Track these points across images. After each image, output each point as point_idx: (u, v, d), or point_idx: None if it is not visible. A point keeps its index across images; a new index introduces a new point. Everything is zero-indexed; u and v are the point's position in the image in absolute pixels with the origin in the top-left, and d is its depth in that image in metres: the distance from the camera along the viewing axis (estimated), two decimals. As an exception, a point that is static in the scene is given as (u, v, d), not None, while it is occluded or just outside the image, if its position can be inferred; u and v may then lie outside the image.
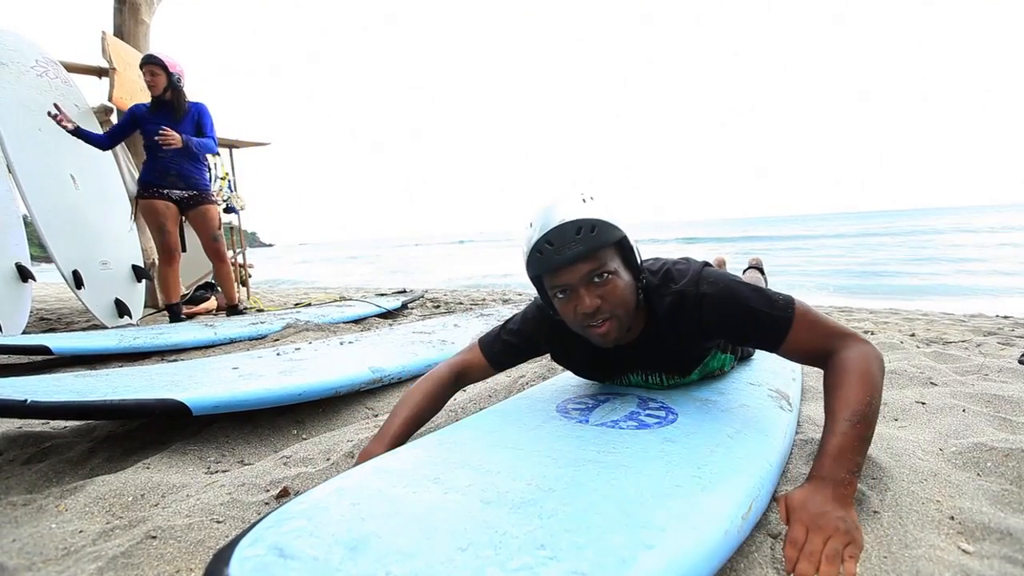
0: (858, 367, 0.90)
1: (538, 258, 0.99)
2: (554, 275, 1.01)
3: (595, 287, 1.00)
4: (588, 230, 0.96)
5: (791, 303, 0.99)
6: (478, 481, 0.80)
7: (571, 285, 1.00)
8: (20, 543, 0.82)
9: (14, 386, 1.31)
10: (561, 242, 0.96)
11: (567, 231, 0.96)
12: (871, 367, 0.90)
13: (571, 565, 0.58)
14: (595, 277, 0.99)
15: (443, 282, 11.06)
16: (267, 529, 0.64)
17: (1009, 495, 0.90)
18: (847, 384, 0.89)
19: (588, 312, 1.00)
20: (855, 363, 0.91)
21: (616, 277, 1.01)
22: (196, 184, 3.37)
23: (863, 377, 0.89)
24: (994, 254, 12.10)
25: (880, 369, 0.91)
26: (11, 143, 3.04)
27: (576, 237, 0.96)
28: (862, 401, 0.86)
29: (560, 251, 0.97)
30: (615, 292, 1.01)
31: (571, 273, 0.99)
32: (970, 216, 40.13)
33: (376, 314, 3.72)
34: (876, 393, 0.88)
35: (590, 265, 0.98)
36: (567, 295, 1.02)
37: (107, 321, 3.40)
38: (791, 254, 15.47)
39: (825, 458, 0.83)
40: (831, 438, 0.85)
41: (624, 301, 1.03)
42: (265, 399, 1.37)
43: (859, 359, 0.91)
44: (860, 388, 0.87)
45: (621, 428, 1.03)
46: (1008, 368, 1.76)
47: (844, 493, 0.80)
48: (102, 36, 4.10)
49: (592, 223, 0.96)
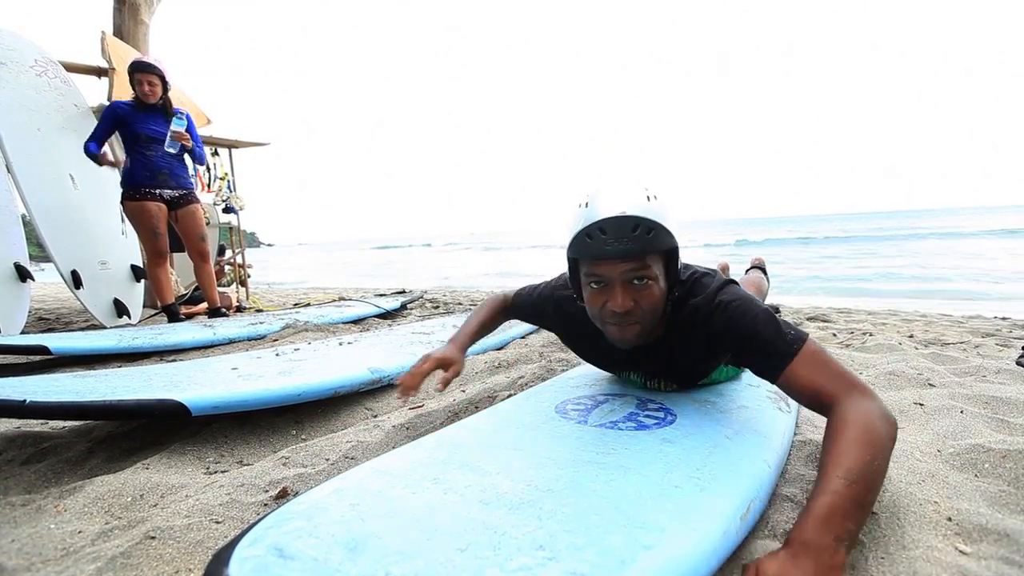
0: (861, 422, 0.78)
1: (587, 242, 0.95)
2: (596, 264, 0.98)
3: (632, 289, 0.97)
4: (645, 231, 0.92)
5: (802, 339, 0.92)
6: (477, 482, 0.80)
7: (610, 279, 0.97)
8: (19, 543, 0.82)
9: (13, 386, 1.31)
10: (616, 234, 0.92)
11: (625, 225, 0.91)
12: (876, 424, 0.77)
13: (570, 566, 0.58)
14: (636, 279, 0.96)
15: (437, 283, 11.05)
16: (266, 529, 0.64)
17: (1007, 496, 0.90)
18: (845, 439, 0.76)
19: (618, 311, 0.97)
20: (858, 417, 0.78)
21: (655, 284, 0.98)
22: (185, 183, 3.36)
23: (865, 434, 0.76)
24: (994, 255, 12.13)
25: (888, 430, 0.78)
26: (10, 143, 3.04)
27: (632, 234, 0.92)
28: (860, 459, 0.72)
29: (611, 243, 0.92)
30: (650, 298, 0.98)
31: (614, 267, 0.96)
32: (970, 216, 40.19)
33: (375, 315, 3.72)
34: (879, 455, 0.74)
35: (635, 265, 0.95)
36: (601, 287, 0.99)
37: (106, 321, 3.39)
38: (791, 254, 15.49)
39: (809, 519, 0.67)
40: (819, 497, 0.70)
41: (655, 309, 1.00)
42: (264, 399, 1.37)
43: (863, 414, 0.79)
44: (860, 445, 0.74)
45: (620, 429, 1.03)
46: (1006, 370, 1.76)
47: (830, 565, 0.64)
48: (101, 36, 4.10)
49: (651, 224, 0.92)
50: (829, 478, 0.71)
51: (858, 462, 0.72)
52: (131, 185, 3.20)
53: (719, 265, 2.74)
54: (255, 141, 5.46)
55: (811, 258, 14.45)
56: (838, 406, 0.82)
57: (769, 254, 3.75)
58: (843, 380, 0.85)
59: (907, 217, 56.99)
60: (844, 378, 0.86)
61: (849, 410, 0.80)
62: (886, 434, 0.77)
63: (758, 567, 0.65)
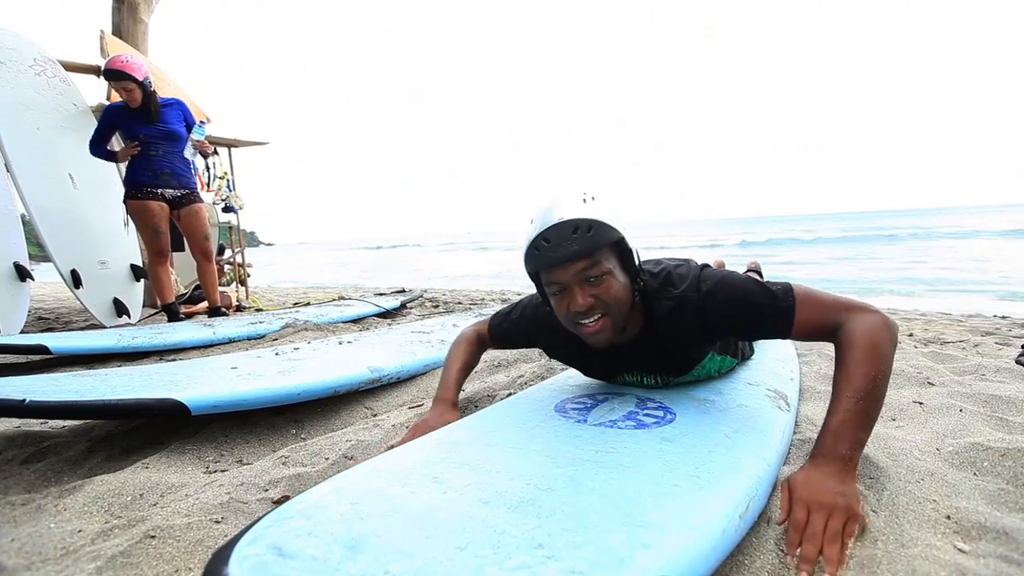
0: (864, 340, 0.88)
1: (535, 254, 1.01)
2: (549, 272, 1.02)
3: (589, 286, 1.01)
4: (585, 230, 0.97)
5: (790, 290, 1.00)
6: (476, 481, 0.80)
7: (565, 283, 1.01)
8: (19, 543, 0.82)
9: (12, 386, 1.31)
10: (557, 240, 0.97)
11: (564, 230, 0.97)
12: (877, 338, 0.88)
13: (569, 564, 0.58)
14: (590, 277, 1.00)
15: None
16: (266, 528, 0.64)
17: (1005, 494, 0.91)
18: (852, 359, 0.87)
19: (580, 311, 1.01)
20: (861, 337, 0.89)
21: (611, 277, 1.02)
22: (188, 183, 3.36)
23: (869, 351, 0.87)
24: (993, 254, 12.13)
25: (889, 339, 0.89)
26: (9, 142, 3.03)
27: (572, 236, 0.97)
28: (867, 376, 0.85)
29: (555, 249, 0.98)
30: (609, 292, 1.02)
31: (565, 271, 1.00)
32: (969, 216, 40.19)
33: (375, 314, 3.72)
34: (883, 365, 0.86)
35: (584, 264, 0.99)
36: (561, 293, 1.03)
37: (105, 320, 3.39)
38: (789, 254, 15.48)
39: (826, 436, 0.84)
40: (833, 416, 0.85)
41: (618, 301, 1.03)
42: (264, 399, 1.37)
43: (866, 332, 0.89)
44: (865, 363, 0.86)
45: (619, 428, 1.03)
46: (1005, 368, 1.76)
47: (845, 468, 0.81)
48: (100, 35, 4.09)
49: (589, 223, 0.97)
50: (840, 398, 0.85)
51: (865, 379, 0.84)
52: (133, 184, 3.20)
53: (715, 262, 2.74)
54: (254, 140, 5.46)
55: (811, 258, 14.45)
56: (842, 330, 0.92)
57: (770, 254, 3.74)
58: (840, 306, 0.95)
59: (907, 216, 57.02)
60: (840, 304, 0.96)
61: (853, 330, 0.90)
62: (887, 341, 0.88)
63: (789, 480, 0.84)
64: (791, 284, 1.01)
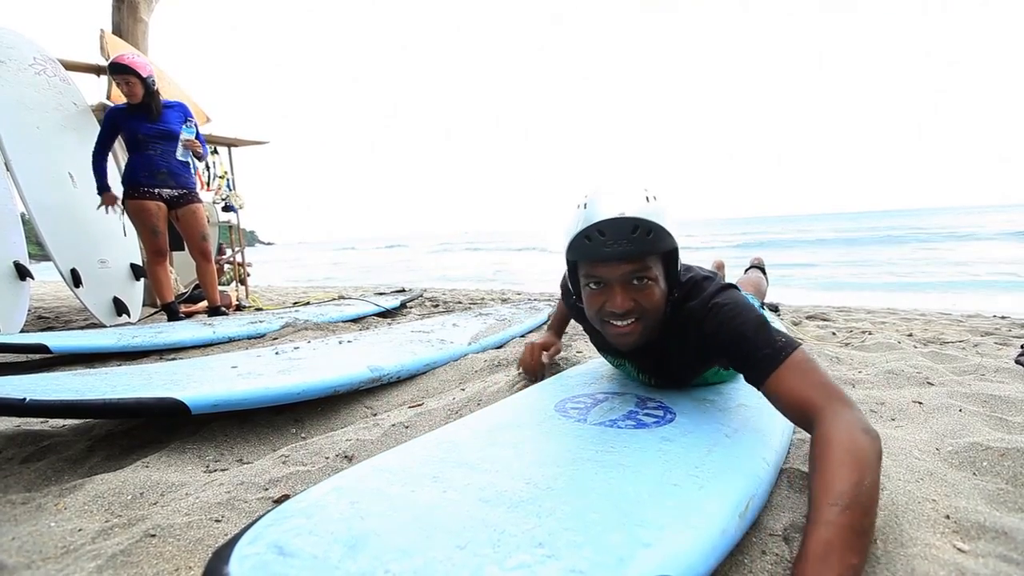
0: (845, 440, 0.72)
1: (585, 244, 0.95)
2: (594, 265, 0.97)
3: (632, 289, 0.97)
4: (645, 232, 0.91)
5: (792, 347, 0.89)
6: (476, 480, 0.80)
7: (608, 280, 0.97)
8: (19, 541, 0.82)
9: (12, 384, 1.31)
10: (614, 236, 0.91)
11: (623, 226, 0.91)
12: (860, 441, 0.72)
13: (569, 563, 0.58)
14: (635, 280, 0.96)
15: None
16: (266, 527, 0.64)
17: (1005, 494, 0.91)
18: (832, 461, 0.70)
19: (618, 312, 0.97)
20: (841, 435, 0.73)
21: (655, 285, 0.98)
22: (186, 182, 3.35)
23: (851, 452, 0.70)
24: (993, 254, 12.13)
25: (873, 445, 0.72)
26: (9, 141, 3.03)
27: (631, 235, 0.91)
28: (850, 480, 0.66)
29: (610, 244, 0.92)
30: (650, 299, 0.98)
31: (613, 269, 0.96)
32: (969, 216, 40.21)
33: (375, 313, 3.72)
34: (868, 472, 0.68)
35: (635, 267, 0.95)
36: (600, 288, 0.99)
37: (105, 320, 3.39)
38: (788, 255, 15.48)
39: (808, 561, 0.59)
40: (814, 532, 0.62)
41: (656, 309, 1.00)
42: (264, 398, 1.37)
43: (846, 430, 0.74)
44: (848, 465, 0.68)
45: (619, 427, 1.03)
46: (1005, 368, 1.77)
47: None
48: (100, 34, 4.09)
49: (651, 226, 0.91)
50: (821, 507, 0.64)
51: (848, 484, 0.66)
52: (131, 184, 3.20)
53: (714, 263, 2.74)
54: (255, 139, 5.46)
55: (811, 258, 14.44)
56: (820, 422, 0.77)
57: (770, 254, 3.75)
58: (825, 390, 0.81)
59: (906, 216, 57.04)
60: (826, 388, 0.82)
61: (832, 427, 0.75)
62: (871, 448, 0.71)
63: None
64: (799, 344, 0.90)
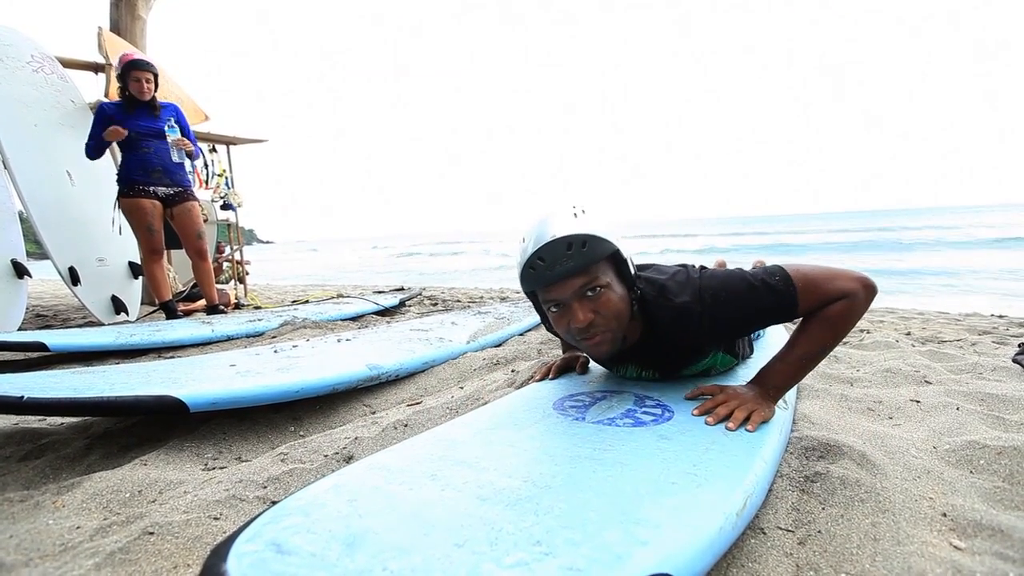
0: (839, 316, 0.99)
1: (531, 274, 1.01)
2: (547, 290, 1.02)
3: (588, 301, 1.01)
4: (579, 246, 0.96)
5: (788, 279, 1.01)
6: (474, 478, 0.80)
7: (564, 300, 1.01)
8: (17, 539, 0.82)
9: (11, 383, 1.31)
10: (553, 258, 0.97)
11: (558, 247, 0.96)
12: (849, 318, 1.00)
13: (567, 561, 0.58)
14: (588, 291, 1.00)
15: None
16: (264, 525, 0.64)
17: (1001, 492, 0.91)
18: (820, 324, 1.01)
19: (581, 327, 1.01)
20: (839, 313, 0.99)
21: (609, 291, 1.01)
22: (181, 180, 3.35)
23: (837, 323, 1.00)
24: (992, 253, 12.15)
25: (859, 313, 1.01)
26: (7, 139, 3.03)
27: (567, 253, 0.96)
28: (822, 342, 1.01)
29: (552, 267, 0.97)
30: (608, 306, 1.01)
31: (563, 288, 1.00)
32: (968, 215, 40.26)
33: (373, 311, 3.72)
34: (841, 334, 1.02)
35: (582, 280, 0.99)
36: (560, 309, 1.03)
37: (104, 318, 3.39)
38: (788, 255, 15.49)
39: (768, 376, 1.06)
40: (778, 363, 1.06)
41: (618, 314, 1.03)
42: (262, 396, 1.37)
43: (844, 309, 0.99)
44: (828, 331, 1.00)
45: (617, 425, 1.03)
46: (1002, 367, 1.77)
47: (769, 395, 1.04)
48: (98, 32, 4.08)
49: (583, 238, 0.96)
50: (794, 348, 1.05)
51: (819, 344, 1.02)
52: (126, 182, 3.19)
53: (716, 263, 2.74)
54: (253, 138, 5.45)
55: (811, 257, 14.45)
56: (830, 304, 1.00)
57: (771, 257, 3.76)
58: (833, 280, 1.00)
59: (906, 216, 57.10)
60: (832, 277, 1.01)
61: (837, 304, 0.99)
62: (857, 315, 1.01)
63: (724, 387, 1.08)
64: (785, 271, 1.03)
